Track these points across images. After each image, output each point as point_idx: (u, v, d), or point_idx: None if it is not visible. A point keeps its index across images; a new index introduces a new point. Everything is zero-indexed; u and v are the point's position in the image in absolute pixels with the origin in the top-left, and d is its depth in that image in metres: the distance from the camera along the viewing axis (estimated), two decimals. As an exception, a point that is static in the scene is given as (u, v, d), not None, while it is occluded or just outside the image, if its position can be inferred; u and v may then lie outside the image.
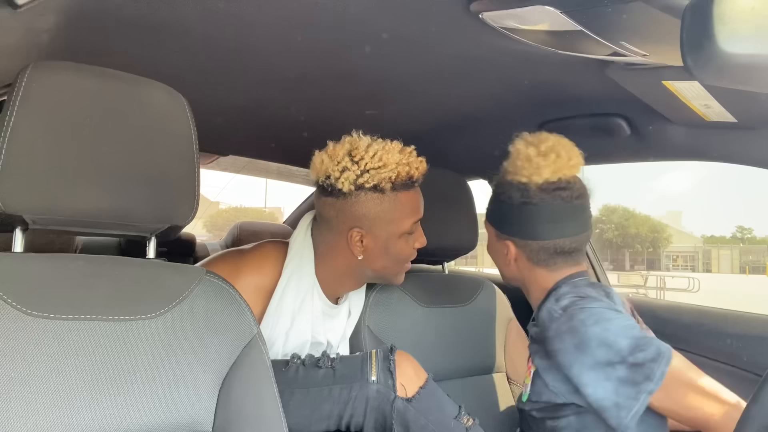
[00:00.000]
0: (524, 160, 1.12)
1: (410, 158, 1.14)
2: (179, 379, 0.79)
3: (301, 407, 1.02)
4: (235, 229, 2.87)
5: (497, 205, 1.19)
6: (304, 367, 1.06)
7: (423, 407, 1.02)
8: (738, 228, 60.25)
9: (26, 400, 0.69)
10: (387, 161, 1.11)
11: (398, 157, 1.12)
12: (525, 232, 1.14)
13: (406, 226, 1.16)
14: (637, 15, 0.80)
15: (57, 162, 0.77)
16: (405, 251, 1.20)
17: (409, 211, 1.16)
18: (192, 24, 1.02)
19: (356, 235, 1.15)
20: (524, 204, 1.12)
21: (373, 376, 1.03)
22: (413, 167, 1.14)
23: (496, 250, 1.22)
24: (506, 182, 1.16)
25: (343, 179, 1.10)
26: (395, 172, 1.11)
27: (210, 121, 1.26)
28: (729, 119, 1.15)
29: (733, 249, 49.92)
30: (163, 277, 0.84)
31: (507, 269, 1.21)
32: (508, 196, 1.14)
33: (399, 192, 1.14)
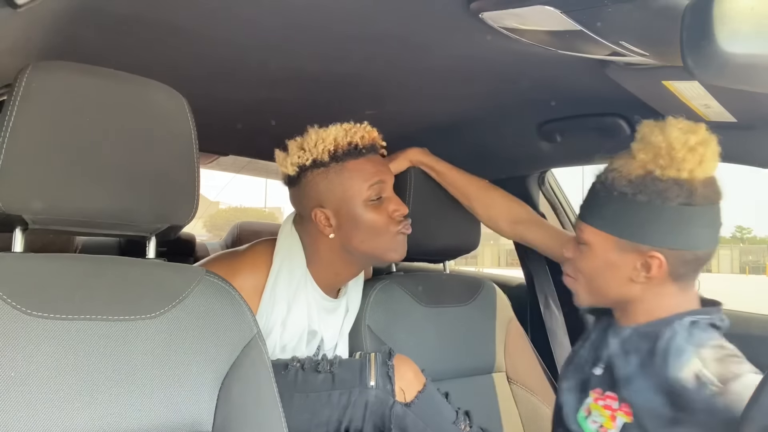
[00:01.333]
0: (686, 151, 0.91)
1: (354, 130, 1.16)
2: (179, 379, 0.79)
3: (301, 412, 1.02)
4: (235, 229, 2.87)
5: (631, 208, 0.94)
6: (304, 371, 1.06)
7: (421, 412, 1.03)
8: (738, 228, 60.26)
9: (26, 400, 0.69)
10: (325, 137, 1.15)
11: (339, 131, 1.15)
12: (683, 240, 0.93)
13: (363, 193, 1.16)
14: (637, 15, 0.80)
15: (57, 162, 0.77)
16: (378, 220, 1.17)
17: (360, 177, 1.16)
18: (192, 24, 1.02)
19: (320, 215, 1.17)
20: (685, 205, 0.91)
21: (372, 381, 1.03)
22: (355, 136, 1.15)
23: (615, 265, 0.97)
24: (650, 179, 0.93)
25: (287, 165, 1.17)
26: (332, 144, 1.14)
27: (210, 121, 1.26)
28: (729, 119, 1.14)
29: (732, 249, 49.90)
30: (163, 277, 0.84)
31: (621, 288, 0.99)
32: (660, 196, 0.92)
33: (344, 162, 1.15)
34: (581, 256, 1.02)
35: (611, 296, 1.01)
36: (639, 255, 0.95)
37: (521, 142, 1.58)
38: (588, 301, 1.06)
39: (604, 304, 1.05)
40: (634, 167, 0.95)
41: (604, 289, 1.01)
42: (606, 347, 1.04)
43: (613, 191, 0.95)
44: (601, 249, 0.98)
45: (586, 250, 1.00)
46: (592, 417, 1.00)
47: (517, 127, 1.53)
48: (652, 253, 0.93)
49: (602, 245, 0.98)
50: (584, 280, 1.03)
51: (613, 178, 0.96)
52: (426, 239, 1.40)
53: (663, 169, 0.92)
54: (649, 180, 0.93)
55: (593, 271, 1.00)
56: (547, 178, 1.85)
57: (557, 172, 1.87)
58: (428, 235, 1.41)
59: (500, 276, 2.19)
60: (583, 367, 1.09)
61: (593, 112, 1.38)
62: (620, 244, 0.96)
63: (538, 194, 1.84)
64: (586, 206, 1.02)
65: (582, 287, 1.04)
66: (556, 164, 1.74)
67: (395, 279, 1.41)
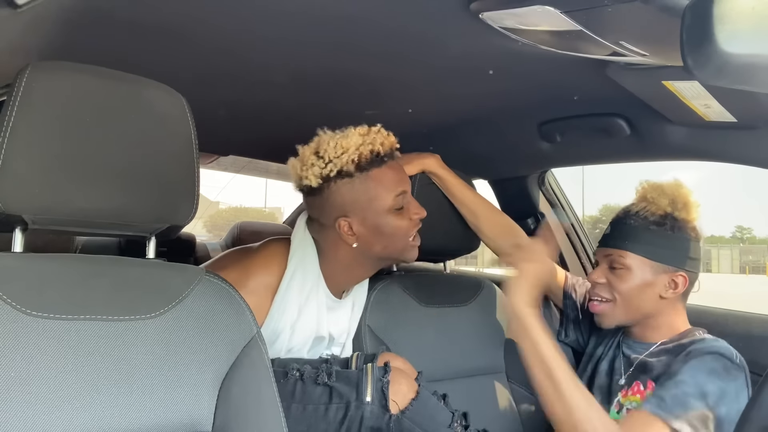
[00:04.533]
0: (691, 201, 1.21)
1: (372, 137, 1.16)
2: (179, 379, 0.78)
3: (298, 423, 1.03)
4: (235, 229, 2.87)
5: (664, 238, 1.18)
6: (303, 382, 1.07)
7: (415, 418, 1.04)
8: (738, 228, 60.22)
9: (26, 400, 0.69)
10: (347, 146, 1.14)
11: (358, 140, 1.15)
12: (693, 264, 1.20)
13: (388, 201, 1.17)
14: (637, 15, 0.80)
15: (57, 162, 0.77)
16: (401, 226, 1.19)
17: (385, 186, 1.17)
18: (192, 24, 1.02)
19: (344, 225, 1.17)
20: (693, 239, 1.19)
21: (368, 396, 1.04)
22: (376, 144, 1.16)
23: (650, 284, 1.19)
24: (672, 217, 1.19)
25: (310, 176, 1.15)
26: (356, 154, 1.14)
27: (210, 121, 1.26)
28: (729, 119, 1.15)
29: (732, 249, 49.88)
30: (163, 277, 0.84)
31: (653, 304, 1.20)
32: (681, 230, 1.19)
33: (368, 171, 1.15)
34: (619, 279, 1.21)
35: (644, 312, 1.21)
36: (667, 275, 1.18)
37: (521, 142, 1.58)
38: (620, 320, 1.24)
39: (633, 321, 1.23)
40: (658, 208, 1.20)
41: (640, 306, 1.21)
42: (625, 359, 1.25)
43: (648, 225, 1.19)
44: (640, 271, 1.19)
45: (625, 274, 1.20)
46: (625, 407, 1.19)
47: (517, 127, 1.53)
48: (678, 272, 1.18)
49: (641, 268, 1.19)
50: (622, 300, 1.21)
51: (644, 215, 1.20)
52: (426, 239, 1.40)
53: (679, 211, 1.20)
54: (671, 218, 1.19)
55: (632, 291, 1.20)
56: (547, 178, 1.85)
57: (557, 171, 1.87)
58: (429, 235, 1.40)
59: (500, 276, 2.19)
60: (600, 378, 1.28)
61: (593, 112, 1.38)
62: (654, 267, 1.19)
63: (538, 194, 1.84)
64: (623, 238, 1.21)
65: (619, 307, 1.22)
66: (556, 164, 1.74)
67: (395, 279, 1.41)
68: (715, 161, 1.34)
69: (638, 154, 1.45)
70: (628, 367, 1.23)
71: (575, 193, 4.26)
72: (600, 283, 1.24)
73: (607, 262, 1.23)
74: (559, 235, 1.83)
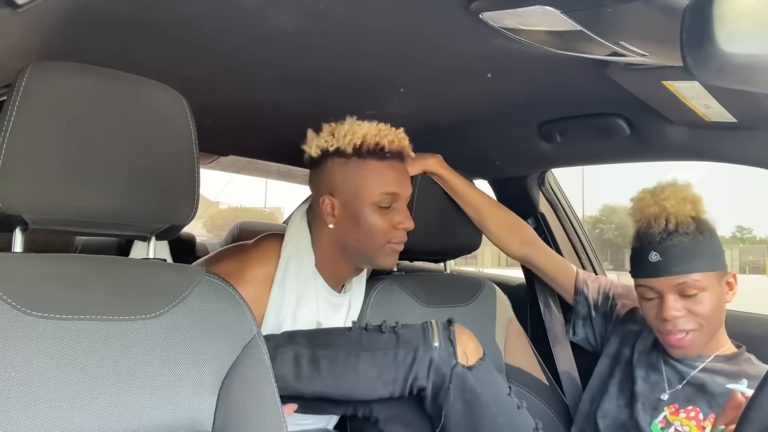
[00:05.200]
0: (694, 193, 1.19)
1: (385, 132, 1.16)
2: (179, 379, 0.78)
3: (368, 370, 1.04)
4: (235, 229, 2.87)
5: (712, 243, 1.16)
6: (367, 332, 1.09)
7: (480, 378, 1.05)
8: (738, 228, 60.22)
9: (26, 400, 0.69)
10: (356, 130, 1.15)
11: (370, 129, 1.15)
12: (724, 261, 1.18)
13: (374, 195, 1.16)
14: (637, 15, 0.80)
15: (57, 162, 0.77)
16: (379, 226, 1.17)
17: (376, 179, 1.16)
18: (192, 24, 1.02)
19: (327, 203, 1.18)
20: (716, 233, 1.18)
21: (436, 342, 1.06)
22: (384, 137, 1.15)
23: (721, 296, 1.16)
24: (701, 220, 1.17)
25: (313, 146, 1.17)
26: (360, 139, 1.14)
27: (210, 121, 1.26)
28: (729, 119, 1.14)
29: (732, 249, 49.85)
30: (163, 277, 0.84)
31: (723, 314, 1.17)
32: (711, 230, 1.17)
33: (366, 159, 1.16)
34: (700, 304, 1.13)
35: (720, 324, 1.16)
36: (724, 279, 1.15)
37: (521, 142, 1.58)
38: (704, 344, 1.16)
39: (711, 339, 1.16)
40: (685, 215, 1.15)
41: (720, 321, 1.16)
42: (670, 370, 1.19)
43: (696, 236, 1.13)
44: (714, 286, 1.13)
45: (703, 296, 1.12)
46: (673, 427, 1.13)
47: (517, 127, 1.53)
48: (729, 273, 1.15)
49: (713, 284, 1.13)
50: (707, 324, 1.14)
51: (684, 228, 1.14)
52: (427, 239, 1.40)
53: (700, 212, 1.17)
54: (701, 222, 1.16)
55: (713, 309, 1.13)
56: (547, 178, 1.85)
57: (557, 172, 1.87)
58: (429, 235, 1.41)
59: (500, 276, 2.19)
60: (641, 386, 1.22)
61: (593, 112, 1.38)
62: (718, 276, 1.14)
63: (538, 194, 1.84)
64: (684, 261, 1.12)
65: (705, 332, 1.15)
66: (556, 164, 1.74)
67: (395, 279, 1.41)
68: (715, 161, 1.34)
69: (638, 154, 1.45)
70: (676, 381, 1.18)
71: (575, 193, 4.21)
72: (681, 317, 1.14)
73: (676, 291, 1.14)
74: (559, 235, 1.83)
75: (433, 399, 1.05)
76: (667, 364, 1.21)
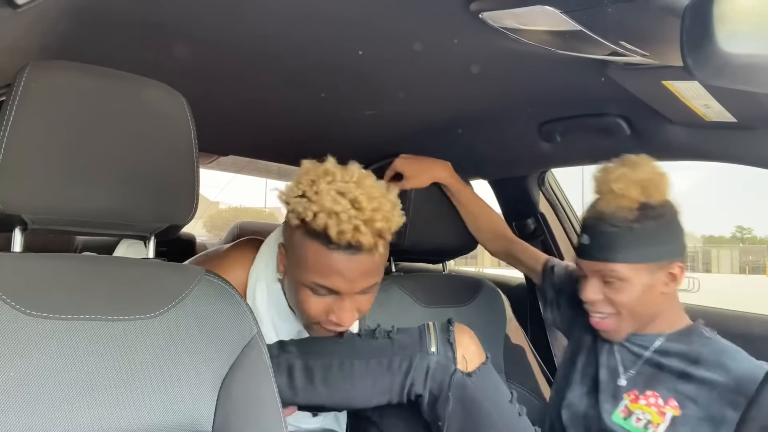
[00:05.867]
0: (661, 178, 1.10)
1: (357, 214, 0.90)
2: (179, 379, 0.78)
3: (363, 379, 1.00)
4: (235, 229, 2.87)
5: (650, 235, 1.07)
6: (361, 338, 1.04)
7: (481, 384, 1.00)
8: (738, 228, 60.30)
9: (25, 400, 0.69)
10: (321, 197, 0.91)
11: (340, 203, 0.90)
12: (684, 245, 1.12)
13: (306, 279, 0.97)
14: (637, 15, 0.80)
15: (56, 162, 0.77)
16: (310, 308, 1.00)
17: (314, 266, 0.96)
18: (192, 24, 1.02)
19: (281, 250, 1.06)
20: (675, 219, 1.11)
21: (433, 347, 1.00)
22: (347, 225, 0.89)
23: (650, 287, 1.09)
24: (649, 208, 1.07)
25: (293, 183, 0.97)
26: (311, 213, 0.91)
27: (210, 121, 1.26)
28: (729, 119, 1.14)
29: (732, 249, 49.85)
30: (163, 277, 0.84)
31: (658, 304, 1.12)
32: (663, 218, 1.08)
33: (307, 238, 0.95)
34: (617, 292, 1.10)
35: (650, 314, 1.13)
36: (663, 270, 1.09)
37: (521, 142, 1.58)
38: (629, 331, 1.15)
39: (643, 325, 1.14)
40: (629, 203, 1.07)
41: (647, 311, 1.12)
42: (626, 353, 1.16)
43: (629, 226, 1.08)
44: (637, 278, 1.09)
45: (621, 286, 1.10)
46: (635, 416, 1.11)
47: (517, 127, 1.53)
48: (674, 264, 1.09)
49: (637, 275, 1.09)
50: (628, 312, 1.12)
51: (621, 214, 1.08)
52: (426, 239, 1.40)
53: (651, 197, 1.08)
54: (649, 209, 1.08)
55: (634, 300, 1.10)
56: (547, 178, 1.85)
57: (557, 172, 1.87)
58: (428, 236, 1.41)
59: (500, 276, 2.19)
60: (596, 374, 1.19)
61: (593, 112, 1.38)
62: (649, 268, 1.09)
63: (538, 194, 1.84)
64: (609, 249, 1.09)
65: (626, 319, 1.13)
66: (556, 164, 1.74)
67: (395, 279, 1.41)
68: (715, 161, 1.34)
69: (638, 154, 1.45)
70: (631, 364, 1.15)
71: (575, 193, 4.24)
72: (598, 300, 1.12)
73: (598, 276, 1.11)
74: (559, 235, 1.84)
75: (431, 407, 1.00)
76: (621, 346, 1.17)
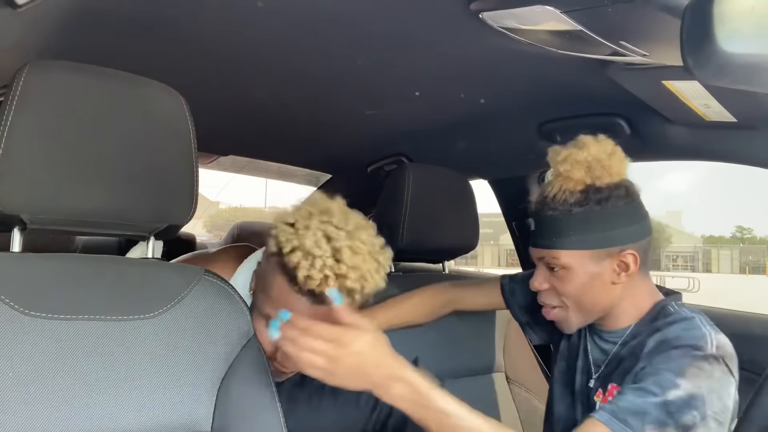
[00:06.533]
0: (609, 158, 1.01)
1: (333, 265, 0.84)
2: (178, 379, 0.78)
3: (330, 413, 1.01)
4: (234, 229, 2.87)
5: (592, 220, 0.99)
6: None
7: None
8: (738, 228, 60.32)
9: (24, 400, 0.69)
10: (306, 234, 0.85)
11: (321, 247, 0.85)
12: (641, 230, 1.01)
13: (262, 309, 0.93)
14: (637, 15, 0.80)
15: (55, 162, 0.76)
16: (261, 336, 0.91)
17: (272, 300, 0.91)
18: (192, 24, 1.02)
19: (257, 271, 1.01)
20: (629, 201, 1.01)
21: None
22: (317, 273, 0.84)
23: (597, 275, 1.01)
24: (594, 190, 1.00)
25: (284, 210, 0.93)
26: (289, 246, 0.86)
27: (210, 121, 1.26)
28: (729, 119, 1.14)
29: (733, 249, 49.85)
30: (162, 277, 0.84)
31: (608, 294, 1.02)
32: (609, 201, 1.00)
33: (277, 270, 0.89)
34: (561, 282, 1.03)
35: (601, 306, 1.04)
36: (613, 258, 1.00)
37: (521, 142, 1.58)
38: (579, 323, 1.07)
39: (595, 317, 1.06)
40: (574, 186, 1.00)
41: (595, 302, 1.03)
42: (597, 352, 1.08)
43: (570, 210, 1.00)
44: (581, 267, 1.01)
45: (565, 274, 1.02)
46: None
47: (517, 127, 1.53)
48: (624, 252, 1.00)
49: (581, 263, 1.01)
50: (573, 302, 1.04)
51: (563, 200, 1.01)
52: (424, 239, 1.40)
53: (599, 178, 1.00)
54: (593, 191, 1.00)
55: (580, 290, 1.02)
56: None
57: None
58: (426, 235, 1.40)
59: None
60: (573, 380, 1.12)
61: (593, 112, 1.38)
62: (595, 255, 1.00)
63: (538, 194, 1.84)
64: (549, 235, 1.03)
65: (573, 311, 1.05)
66: (556, 164, 1.74)
67: (394, 280, 1.41)
68: (715, 161, 1.34)
69: (638, 154, 1.44)
70: (601, 362, 1.06)
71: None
72: (544, 289, 1.06)
73: (543, 264, 1.05)
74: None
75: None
76: (594, 345, 1.09)
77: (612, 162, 1.00)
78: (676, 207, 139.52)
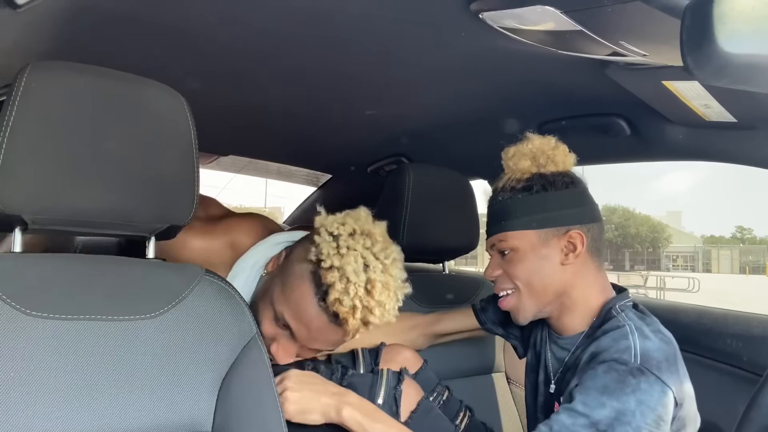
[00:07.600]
0: (553, 149, 1.07)
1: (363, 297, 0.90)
2: (178, 379, 0.78)
3: None
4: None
5: (537, 201, 1.04)
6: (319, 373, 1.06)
7: (417, 427, 1.02)
8: (738, 228, 60.35)
9: (25, 400, 0.69)
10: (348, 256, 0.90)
11: (359, 275, 0.90)
12: (586, 214, 1.05)
13: (276, 303, 0.98)
14: (637, 15, 0.80)
15: (56, 162, 0.77)
16: (261, 327, 0.97)
17: (289, 301, 0.96)
18: (192, 24, 1.02)
19: (282, 255, 1.07)
20: (572, 188, 1.05)
21: (380, 399, 1.03)
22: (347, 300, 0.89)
23: (546, 256, 1.04)
24: (539, 176, 1.05)
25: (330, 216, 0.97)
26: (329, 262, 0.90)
27: (210, 121, 1.26)
28: (729, 119, 1.14)
29: (733, 249, 49.84)
30: (163, 277, 0.84)
31: (558, 276, 1.04)
32: (552, 186, 1.04)
33: (307, 278, 0.93)
34: (511, 263, 1.06)
35: (553, 289, 1.05)
36: (560, 238, 1.04)
37: (521, 142, 1.58)
38: (534, 310, 1.07)
39: (546, 305, 1.06)
40: (521, 173, 1.07)
41: (545, 285, 1.05)
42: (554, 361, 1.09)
43: (516, 195, 1.06)
44: (529, 246, 1.04)
45: (514, 255, 1.06)
46: None
47: (517, 127, 1.53)
48: (571, 232, 1.04)
49: (528, 243, 1.04)
50: (524, 285, 1.06)
51: (510, 188, 1.07)
52: (424, 239, 1.40)
53: (544, 166, 1.06)
54: (538, 177, 1.05)
55: (529, 271, 1.05)
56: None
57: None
58: (426, 235, 1.41)
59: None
60: (536, 391, 1.12)
61: (593, 112, 1.38)
62: (542, 235, 1.04)
63: (538, 194, 1.84)
64: (497, 220, 1.07)
65: (525, 294, 1.06)
66: (556, 164, 1.74)
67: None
68: (715, 161, 1.34)
69: (638, 154, 1.45)
70: (557, 368, 1.07)
71: (575, 193, 4.24)
72: (497, 275, 1.09)
73: (496, 251, 1.08)
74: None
75: None
76: (551, 354, 1.10)
77: (556, 153, 1.07)
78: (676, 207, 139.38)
